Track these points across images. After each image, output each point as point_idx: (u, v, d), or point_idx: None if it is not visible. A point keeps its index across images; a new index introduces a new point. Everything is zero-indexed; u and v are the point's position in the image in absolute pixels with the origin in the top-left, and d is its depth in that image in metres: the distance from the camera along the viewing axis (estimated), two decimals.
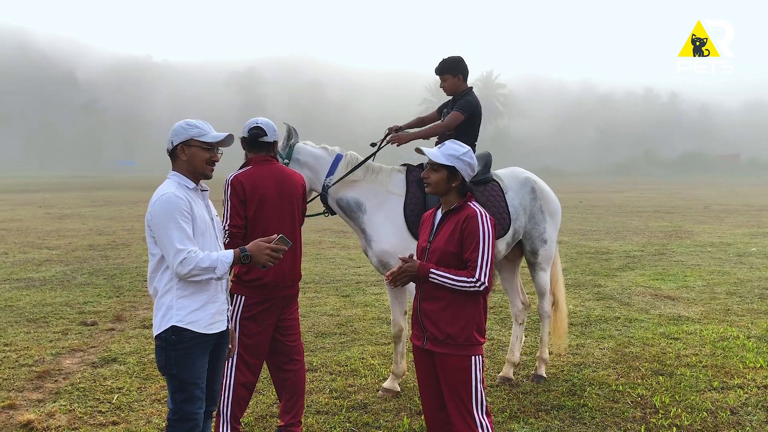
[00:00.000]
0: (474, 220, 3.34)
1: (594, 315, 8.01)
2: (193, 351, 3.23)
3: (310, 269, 11.26)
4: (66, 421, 4.76)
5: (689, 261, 12.42)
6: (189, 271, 3.09)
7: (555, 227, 5.85)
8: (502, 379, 5.69)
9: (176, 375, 3.23)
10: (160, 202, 3.18)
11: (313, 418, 4.83)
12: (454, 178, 3.41)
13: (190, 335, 3.21)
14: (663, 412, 4.92)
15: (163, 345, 3.23)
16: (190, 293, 3.22)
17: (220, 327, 3.36)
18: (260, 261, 3.23)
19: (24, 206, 26.57)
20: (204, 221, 3.30)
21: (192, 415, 3.27)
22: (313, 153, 5.20)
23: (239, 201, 4.03)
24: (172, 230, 3.11)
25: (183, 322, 3.20)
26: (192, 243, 3.14)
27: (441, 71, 5.47)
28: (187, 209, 3.19)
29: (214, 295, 3.32)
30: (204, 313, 3.25)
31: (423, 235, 3.59)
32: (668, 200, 33.17)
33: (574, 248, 14.27)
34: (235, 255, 3.19)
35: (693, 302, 8.76)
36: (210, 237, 3.33)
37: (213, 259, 3.12)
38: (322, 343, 6.80)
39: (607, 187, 50.41)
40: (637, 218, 22.13)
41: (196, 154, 3.30)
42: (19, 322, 7.57)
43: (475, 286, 3.29)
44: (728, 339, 6.89)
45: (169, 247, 3.11)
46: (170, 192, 3.20)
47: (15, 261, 12.16)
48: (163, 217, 3.14)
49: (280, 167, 4.26)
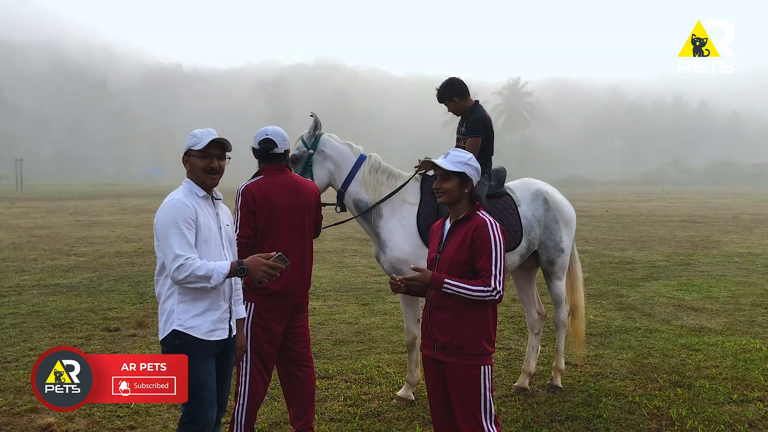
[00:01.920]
0: (484, 229, 3.37)
1: (614, 325, 7.94)
2: (196, 355, 3.26)
3: (331, 277, 11.32)
4: (85, 425, 4.86)
5: (715, 271, 12.24)
6: (185, 278, 3.13)
7: (570, 236, 5.83)
8: (517, 389, 5.67)
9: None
10: (166, 207, 3.25)
11: (327, 426, 4.87)
12: (466, 184, 3.46)
13: (192, 340, 3.27)
14: (679, 425, 4.86)
15: (167, 350, 3.29)
16: (191, 299, 3.28)
17: (221, 335, 3.40)
18: (256, 276, 3.24)
19: (55, 213, 27.09)
20: (209, 230, 3.34)
21: (200, 419, 3.32)
22: (339, 148, 5.22)
23: (249, 211, 4.06)
24: (174, 236, 3.17)
25: (183, 326, 3.26)
26: (192, 250, 3.19)
27: (445, 97, 5.49)
28: (192, 217, 3.25)
29: (216, 303, 3.36)
30: (204, 320, 3.30)
31: (432, 246, 3.62)
32: (696, 209, 32.68)
33: (598, 258, 14.14)
34: (232, 267, 3.21)
35: (716, 313, 8.64)
36: (215, 246, 3.37)
37: (210, 268, 3.15)
38: (339, 351, 6.84)
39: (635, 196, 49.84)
40: (664, 228, 21.85)
41: (194, 163, 3.38)
42: (44, 327, 7.74)
43: (491, 295, 3.31)
44: (751, 351, 6.78)
45: (168, 251, 3.16)
46: (177, 198, 3.28)
47: (44, 267, 12.42)
48: (166, 221, 3.21)
49: (293, 177, 4.28)
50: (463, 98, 5.49)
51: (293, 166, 5.01)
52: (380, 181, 5.27)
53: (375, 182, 5.25)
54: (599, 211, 30.46)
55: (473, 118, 5.38)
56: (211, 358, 3.36)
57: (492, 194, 5.44)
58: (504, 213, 5.39)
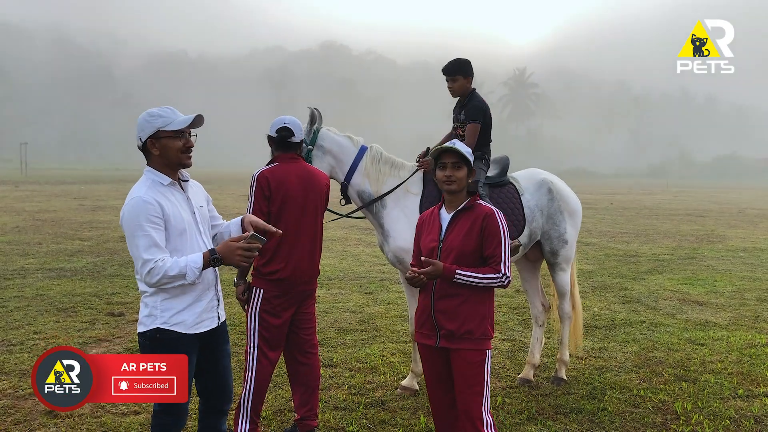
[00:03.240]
0: (493, 217, 3.48)
1: (619, 318, 7.92)
2: (180, 349, 3.14)
3: (335, 266, 11.31)
4: (89, 409, 4.86)
5: (720, 266, 12.21)
6: (158, 281, 3.00)
7: (575, 227, 5.79)
8: (521, 380, 5.66)
9: None
10: (128, 208, 3.05)
11: (331, 414, 4.86)
12: (470, 173, 3.55)
13: (175, 335, 3.15)
14: (684, 419, 4.85)
15: (147, 344, 3.17)
16: (174, 295, 3.14)
17: (209, 325, 3.28)
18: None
19: (59, 197, 27.12)
20: (181, 219, 3.15)
21: (175, 409, 3.23)
22: (338, 141, 5.18)
23: (263, 197, 4.08)
24: (139, 238, 3.00)
25: (168, 324, 3.13)
26: (160, 250, 3.02)
27: (452, 72, 5.36)
28: (157, 214, 3.04)
29: (201, 293, 3.23)
30: (189, 314, 3.18)
31: (430, 235, 3.61)
32: (701, 203, 32.59)
33: (603, 250, 14.11)
34: (205, 258, 3.07)
35: (721, 308, 8.61)
36: (191, 235, 3.20)
37: (181, 266, 3.01)
38: (343, 340, 6.84)
39: (640, 189, 49.71)
40: (669, 221, 21.79)
41: (167, 145, 3.14)
42: (49, 311, 7.74)
43: (501, 281, 3.44)
44: (756, 346, 6.76)
45: (137, 256, 3.00)
46: (138, 197, 3.05)
47: (48, 251, 12.43)
48: (130, 224, 3.02)
49: (306, 166, 4.29)
50: (469, 80, 5.43)
51: None
52: (383, 172, 5.24)
53: (378, 173, 5.22)
54: (604, 203, 30.38)
55: (472, 104, 5.33)
56: (194, 351, 3.24)
57: (495, 183, 5.41)
58: (507, 202, 5.36)
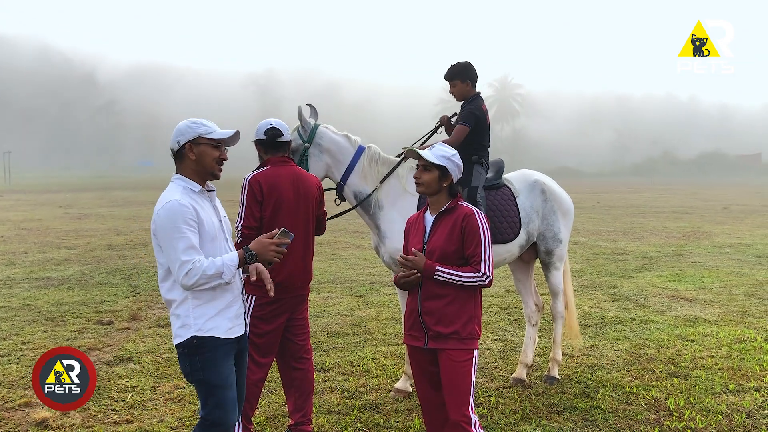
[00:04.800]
0: (473, 218, 3.51)
1: (609, 316, 7.95)
2: (218, 353, 3.15)
3: (324, 269, 11.27)
4: (80, 419, 4.81)
5: (707, 262, 12.30)
6: (195, 282, 3.00)
7: (568, 226, 5.83)
8: (514, 380, 5.67)
9: (204, 380, 3.15)
10: (164, 211, 3.06)
11: (325, 418, 4.84)
12: (445, 178, 3.55)
13: (212, 339, 3.14)
14: (677, 415, 4.87)
15: (186, 352, 3.14)
16: (205, 301, 3.14)
17: (239, 331, 3.28)
18: (267, 258, 3.15)
19: (44, 206, 26.89)
20: (213, 225, 3.20)
21: (224, 421, 3.18)
22: (336, 140, 5.13)
23: (255, 201, 4.04)
24: (177, 240, 3.01)
25: (202, 330, 3.12)
26: (197, 252, 3.04)
27: (450, 77, 5.40)
28: (193, 217, 3.08)
29: (231, 300, 3.23)
30: (222, 319, 3.17)
31: (416, 237, 3.65)
32: (687, 201, 32.84)
33: (591, 249, 14.18)
34: (240, 256, 3.11)
35: (710, 304, 8.67)
36: (220, 241, 3.24)
37: (218, 265, 3.03)
38: (335, 343, 6.81)
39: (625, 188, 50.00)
40: (655, 219, 21.94)
41: (205, 152, 3.18)
42: (36, 320, 7.66)
43: (481, 280, 3.46)
44: (745, 341, 6.81)
45: (174, 258, 3.01)
46: (174, 200, 3.08)
47: (34, 260, 12.31)
48: (167, 227, 3.03)
49: (297, 169, 4.27)
50: (472, 85, 5.44)
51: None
52: (381, 173, 5.23)
53: (376, 174, 5.21)
54: (590, 202, 30.53)
55: (468, 108, 5.34)
56: (231, 356, 3.24)
57: (491, 185, 5.42)
58: (503, 204, 5.37)
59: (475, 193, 5.15)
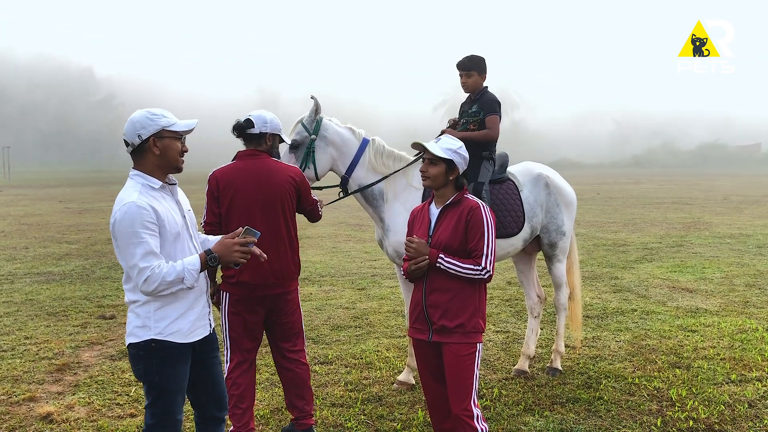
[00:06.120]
0: (478, 211, 3.49)
1: (611, 307, 7.97)
2: (175, 359, 3.03)
3: (326, 262, 11.30)
4: (85, 413, 4.82)
5: (708, 253, 12.31)
6: (155, 288, 2.85)
7: (571, 218, 5.83)
8: (517, 372, 5.68)
9: (159, 383, 3.02)
10: (120, 215, 2.87)
11: (328, 411, 4.85)
12: (452, 171, 3.53)
13: (171, 344, 3.01)
14: (680, 405, 4.89)
15: (142, 354, 2.99)
16: (168, 303, 3.00)
17: (202, 333, 3.15)
18: (231, 259, 2.99)
19: (44, 201, 26.89)
20: (175, 224, 3.02)
21: (175, 422, 3.09)
22: (341, 133, 5.10)
23: (213, 198, 3.98)
24: (135, 246, 2.84)
25: (163, 334, 2.98)
26: (156, 257, 2.87)
27: (468, 67, 5.33)
28: (152, 219, 2.89)
29: (194, 301, 3.10)
30: (184, 322, 3.04)
31: (420, 230, 3.63)
32: (687, 191, 32.85)
33: (591, 240, 14.19)
34: (202, 260, 2.96)
35: (711, 294, 8.68)
36: (184, 239, 3.08)
37: (179, 270, 2.88)
38: (337, 336, 6.83)
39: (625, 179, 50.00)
40: (656, 210, 21.94)
41: (170, 145, 3.01)
42: (39, 315, 7.68)
43: (480, 274, 3.43)
44: (747, 331, 6.82)
45: (132, 265, 2.85)
46: (131, 202, 2.88)
47: (36, 255, 12.32)
48: (125, 231, 2.85)
49: (267, 163, 4.07)
50: (483, 77, 5.42)
51: (294, 151, 4.94)
52: (387, 165, 5.20)
53: (382, 166, 5.18)
54: (590, 193, 30.55)
55: (487, 98, 5.31)
56: (189, 359, 3.11)
57: (495, 179, 5.40)
58: (507, 198, 5.36)
59: (480, 189, 5.14)
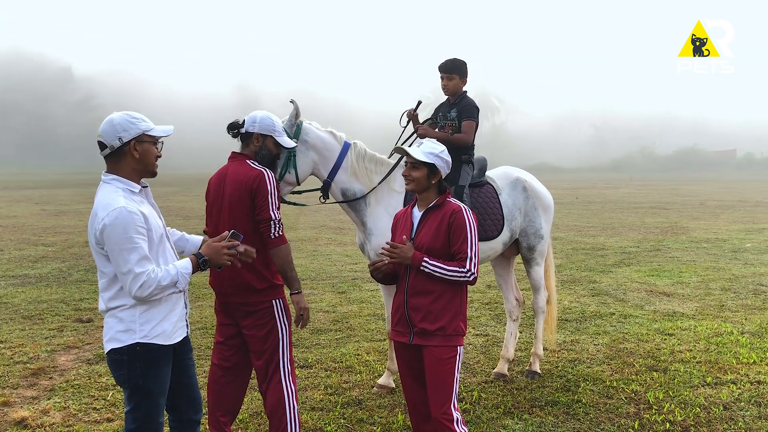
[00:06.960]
0: (460, 214, 3.51)
1: (589, 311, 8.03)
2: (161, 362, 3.03)
3: (306, 265, 11.26)
4: (60, 418, 4.76)
5: (684, 257, 12.46)
6: (150, 293, 2.84)
7: (549, 222, 5.88)
8: (496, 375, 5.71)
9: (142, 386, 3.00)
10: (111, 220, 2.84)
11: (308, 415, 4.84)
12: (434, 175, 3.55)
13: (156, 347, 2.99)
14: (656, 408, 4.94)
15: (126, 358, 2.96)
16: (152, 306, 2.98)
17: (181, 334, 3.16)
18: (219, 262, 3.05)
19: (20, 203, 26.52)
20: (158, 227, 3.04)
21: (157, 425, 3.07)
22: (322, 137, 5.04)
23: (206, 201, 4.05)
24: (130, 252, 2.82)
25: (148, 337, 2.96)
26: (149, 262, 2.87)
27: (450, 70, 5.34)
28: (143, 224, 2.89)
29: (176, 302, 3.11)
30: (167, 323, 3.04)
31: (403, 233, 3.64)
32: (664, 196, 33.23)
33: (570, 244, 14.29)
34: (193, 263, 3.00)
35: (688, 298, 8.79)
36: (165, 242, 3.10)
37: (173, 274, 2.89)
38: (317, 340, 6.81)
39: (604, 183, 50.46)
40: (633, 214, 22.17)
41: (149, 150, 3.01)
42: (14, 319, 7.57)
43: (465, 277, 3.45)
44: (722, 335, 6.91)
45: (127, 270, 2.82)
46: (122, 207, 2.86)
47: (11, 258, 12.15)
48: (118, 237, 2.82)
49: (235, 167, 3.90)
50: (464, 81, 5.43)
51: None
52: (369, 169, 5.19)
53: (365, 170, 5.17)
54: (569, 197, 30.79)
55: (466, 103, 5.33)
56: (170, 362, 3.10)
57: (474, 183, 5.43)
58: (486, 202, 5.39)
59: (461, 192, 5.16)
